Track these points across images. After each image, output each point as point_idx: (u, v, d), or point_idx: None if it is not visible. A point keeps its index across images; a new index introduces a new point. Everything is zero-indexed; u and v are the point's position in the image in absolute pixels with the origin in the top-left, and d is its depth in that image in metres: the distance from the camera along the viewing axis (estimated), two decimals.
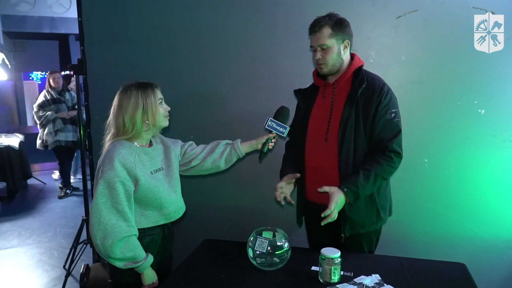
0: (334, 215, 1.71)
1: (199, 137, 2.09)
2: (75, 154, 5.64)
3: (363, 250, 1.93)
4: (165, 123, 1.78)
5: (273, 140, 1.91)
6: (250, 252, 1.76)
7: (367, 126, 1.77)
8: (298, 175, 1.91)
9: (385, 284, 1.61)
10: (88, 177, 2.99)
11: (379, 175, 1.75)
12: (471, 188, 2.26)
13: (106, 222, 1.58)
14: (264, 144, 1.91)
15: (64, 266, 3.36)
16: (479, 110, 2.18)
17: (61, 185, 5.41)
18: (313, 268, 1.75)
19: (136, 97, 1.68)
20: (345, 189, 1.72)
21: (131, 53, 2.64)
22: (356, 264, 1.76)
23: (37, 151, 6.04)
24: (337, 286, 1.60)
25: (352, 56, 1.88)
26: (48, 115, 4.91)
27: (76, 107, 6.73)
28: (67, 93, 5.15)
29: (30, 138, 5.96)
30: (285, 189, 1.91)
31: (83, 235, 3.17)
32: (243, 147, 1.94)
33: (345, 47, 1.81)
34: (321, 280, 1.64)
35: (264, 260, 1.71)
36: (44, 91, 5.03)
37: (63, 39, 11.38)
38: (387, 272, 1.70)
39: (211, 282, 1.67)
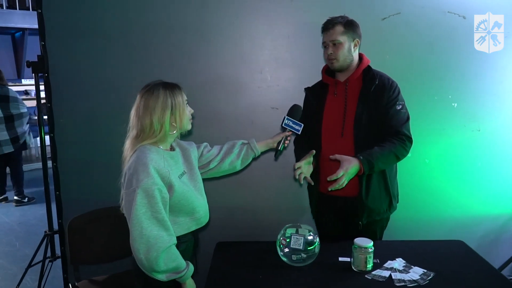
0: (342, 182, 1.76)
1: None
2: None
3: (376, 237, 2.05)
4: (189, 126, 1.70)
5: (288, 138, 1.94)
6: (280, 250, 1.77)
7: (380, 119, 1.91)
8: (314, 151, 1.92)
9: (412, 266, 1.76)
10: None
11: (393, 152, 1.87)
12: (446, 173, 2.54)
13: (149, 234, 1.46)
14: (279, 143, 1.92)
15: None
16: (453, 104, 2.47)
17: None
18: (341, 259, 1.83)
19: (164, 97, 1.57)
20: (361, 157, 1.79)
21: (103, 50, 2.42)
22: (377, 252, 1.84)
23: None
24: (373, 273, 1.71)
25: (361, 56, 1.99)
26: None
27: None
28: None
29: None
30: (304, 169, 1.92)
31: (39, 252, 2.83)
32: (259, 146, 1.92)
33: (355, 45, 1.93)
34: (355, 269, 1.73)
35: (299, 256, 1.74)
36: None
37: None
38: (406, 256, 1.85)
39: (253, 284, 1.66)
